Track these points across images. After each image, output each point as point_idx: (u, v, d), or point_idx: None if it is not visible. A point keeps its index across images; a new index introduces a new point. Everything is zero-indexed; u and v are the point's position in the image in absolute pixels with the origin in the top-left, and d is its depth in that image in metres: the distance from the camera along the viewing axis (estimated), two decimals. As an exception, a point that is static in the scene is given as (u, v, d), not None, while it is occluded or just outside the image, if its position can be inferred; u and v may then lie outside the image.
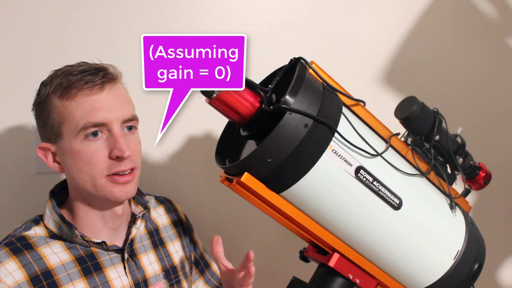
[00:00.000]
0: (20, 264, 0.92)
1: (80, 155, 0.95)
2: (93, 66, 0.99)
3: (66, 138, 0.96)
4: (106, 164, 0.96)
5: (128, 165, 0.97)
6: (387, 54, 1.56)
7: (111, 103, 0.97)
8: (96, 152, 0.95)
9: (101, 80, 0.96)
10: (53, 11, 1.29)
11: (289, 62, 0.94)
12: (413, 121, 1.07)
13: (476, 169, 1.17)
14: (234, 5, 1.42)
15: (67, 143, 0.96)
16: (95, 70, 0.97)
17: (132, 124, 1.00)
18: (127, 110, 0.99)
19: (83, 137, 0.95)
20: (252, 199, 0.90)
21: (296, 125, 0.84)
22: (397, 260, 1.01)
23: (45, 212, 1.02)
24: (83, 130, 0.94)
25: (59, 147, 0.98)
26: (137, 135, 1.03)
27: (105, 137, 0.96)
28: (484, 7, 1.64)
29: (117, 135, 0.96)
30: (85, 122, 0.94)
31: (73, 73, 0.96)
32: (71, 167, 0.97)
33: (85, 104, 0.95)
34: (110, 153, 0.95)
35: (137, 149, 1.01)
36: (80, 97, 0.95)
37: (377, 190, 0.93)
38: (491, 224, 1.59)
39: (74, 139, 0.95)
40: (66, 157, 0.97)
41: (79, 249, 0.99)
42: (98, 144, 0.95)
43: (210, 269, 1.25)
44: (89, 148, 0.95)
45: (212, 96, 0.86)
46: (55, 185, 1.06)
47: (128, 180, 0.98)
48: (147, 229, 1.12)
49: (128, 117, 0.99)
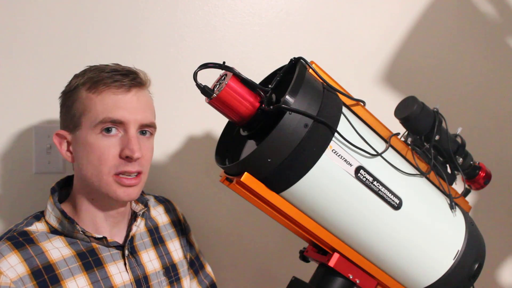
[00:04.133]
0: (22, 258, 0.93)
1: (93, 148, 0.98)
2: (125, 68, 1.03)
3: (84, 129, 0.99)
4: (115, 162, 0.98)
5: (135, 168, 0.99)
6: (387, 54, 1.56)
7: (133, 105, 1.00)
8: (108, 148, 0.98)
9: (130, 83, 1.00)
10: (54, 12, 1.29)
11: (289, 62, 0.94)
12: (413, 121, 1.07)
13: (476, 169, 1.17)
14: (234, 5, 1.42)
15: (83, 134, 0.99)
16: (127, 72, 1.01)
17: (148, 130, 1.03)
18: (147, 115, 1.02)
19: (99, 131, 0.97)
20: (252, 199, 0.90)
21: (296, 125, 0.84)
22: (397, 260, 1.01)
23: (46, 208, 1.03)
24: (100, 124, 0.97)
25: (75, 137, 1.00)
26: (151, 142, 1.06)
27: (120, 135, 0.99)
28: (484, 7, 1.64)
29: (131, 136, 0.98)
30: (104, 116, 0.97)
31: (105, 70, 1.00)
32: (82, 158, 0.99)
33: (108, 101, 0.98)
34: (121, 152, 0.98)
35: (148, 156, 1.03)
36: (107, 93, 0.98)
37: (377, 190, 0.93)
38: (491, 224, 1.59)
39: (90, 131, 0.98)
40: (79, 148, 1.00)
41: (80, 244, 1.00)
42: (111, 141, 0.98)
43: (204, 270, 1.27)
44: (102, 143, 0.97)
45: (212, 96, 0.86)
46: (56, 182, 1.08)
47: (133, 183, 1.00)
48: (147, 227, 1.14)
49: (147, 122, 1.02)
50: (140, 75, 1.03)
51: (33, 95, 1.26)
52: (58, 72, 1.06)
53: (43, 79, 1.16)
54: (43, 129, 1.27)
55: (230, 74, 0.87)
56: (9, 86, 1.27)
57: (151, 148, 1.05)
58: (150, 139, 1.05)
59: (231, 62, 0.93)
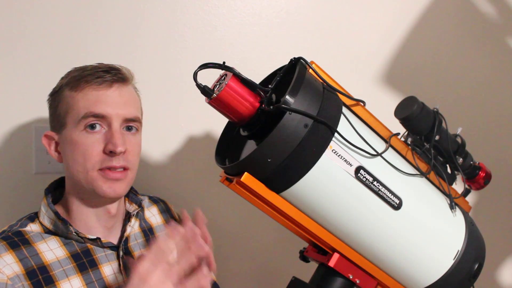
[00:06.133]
0: (17, 258, 0.93)
1: (78, 145, 0.98)
2: (108, 65, 1.03)
3: (69, 128, 0.99)
4: (99, 158, 0.98)
5: (120, 162, 0.98)
6: (387, 54, 1.56)
7: (116, 100, 1.00)
8: (93, 144, 0.97)
9: (111, 78, 1.00)
10: (54, 12, 1.29)
11: (289, 62, 0.94)
12: (413, 121, 1.07)
13: (476, 169, 1.17)
14: (234, 5, 1.42)
15: (68, 133, 0.99)
16: (108, 68, 1.01)
17: (133, 125, 1.02)
18: (131, 110, 1.02)
19: (83, 128, 0.98)
20: (252, 199, 0.90)
21: (296, 125, 0.84)
22: (397, 260, 1.01)
23: (40, 209, 1.03)
24: (83, 119, 0.97)
25: (62, 136, 1.01)
26: (137, 138, 1.04)
27: (103, 131, 0.99)
28: (484, 7, 1.64)
29: (114, 130, 0.98)
30: (85, 111, 0.97)
31: (87, 68, 1.01)
32: (68, 157, 1.00)
33: (90, 96, 0.98)
34: (105, 147, 0.98)
35: (134, 151, 1.02)
36: (88, 90, 0.98)
37: (377, 190, 0.93)
38: (491, 224, 1.59)
39: (74, 129, 0.98)
40: (66, 147, 1.00)
41: (75, 245, 1.00)
42: (96, 137, 0.98)
43: None
44: (87, 140, 0.97)
45: (212, 96, 0.86)
46: (50, 183, 1.07)
47: (118, 177, 0.99)
48: (141, 228, 1.13)
49: (130, 117, 1.01)
50: (122, 71, 1.03)
51: (33, 95, 1.26)
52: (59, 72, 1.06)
53: (43, 79, 1.15)
54: (43, 129, 1.26)
55: (230, 74, 0.87)
56: (9, 86, 1.27)
57: (137, 144, 1.04)
58: (136, 135, 1.04)
59: (231, 62, 0.93)
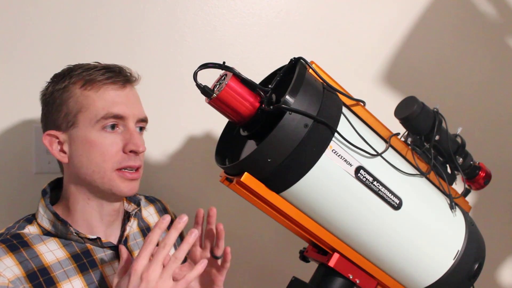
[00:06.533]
0: (17, 261, 0.93)
1: (95, 145, 0.98)
2: (116, 65, 1.04)
3: (81, 127, 0.98)
4: (118, 157, 0.98)
5: (137, 162, 1.01)
6: (387, 54, 1.56)
7: (131, 100, 1.02)
8: (111, 144, 0.98)
9: (124, 79, 1.02)
10: (54, 12, 1.29)
11: (289, 62, 0.94)
12: (413, 121, 1.07)
13: (476, 169, 1.17)
14: (234, 5, 1.42)
15: (81, 132, 0.98)
16: (119, 69, 1.03)
17: (143, 126, 1.06)
18: (142, 110, 1.05)
19: (100, 128, 0.98)
20: (252, 199, 0.90)
21: (296, 125, 0.84)
22: (397, 260, 1.01)
23: (38, 210, 1.02)
24: (102, 120, 0.97)
25: (70, 135, 0.99)
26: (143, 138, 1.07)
27: (120, 131, 1.00)
28: (484, 7, 1.64)
29: (133, 130, 1.00)
30: (105, 112, 0.97)
31: (97, 67, 1.01)
32: (81, 156, 0.98)
33: (107, 97, 0.99)
34: (125, 147, 0.99)
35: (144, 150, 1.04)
36: (105, 90, 0.99)
37: (377, 190, 0.93)
38: (491, 224, 1.59)
39: (90, 128, 0.98)
40: (77, 147, 0.99)
41: (74, 246, 1.00)
42: (114, 137, 0.99)
43: None
44: (105, 140, 0.98)
45: (212, 96, 0.86)
46: (47, 184, 1.07)
47: (135, 177, 1.01)
48: (139, 227, 1.14)
49: (142, 116, 1.04)
50: (132, 72, 1.05)
51: (34, 95, 1.26)
52: (58, 72, 1.06)
53: (43, 79, 1.15)
54: (43, 129, 1.27)
55: (230, 74, 0.87)
56: (9, 86, 1.27)
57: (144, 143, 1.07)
58: (143, 134, 1.07)
59: (231, 62, 0.93)
